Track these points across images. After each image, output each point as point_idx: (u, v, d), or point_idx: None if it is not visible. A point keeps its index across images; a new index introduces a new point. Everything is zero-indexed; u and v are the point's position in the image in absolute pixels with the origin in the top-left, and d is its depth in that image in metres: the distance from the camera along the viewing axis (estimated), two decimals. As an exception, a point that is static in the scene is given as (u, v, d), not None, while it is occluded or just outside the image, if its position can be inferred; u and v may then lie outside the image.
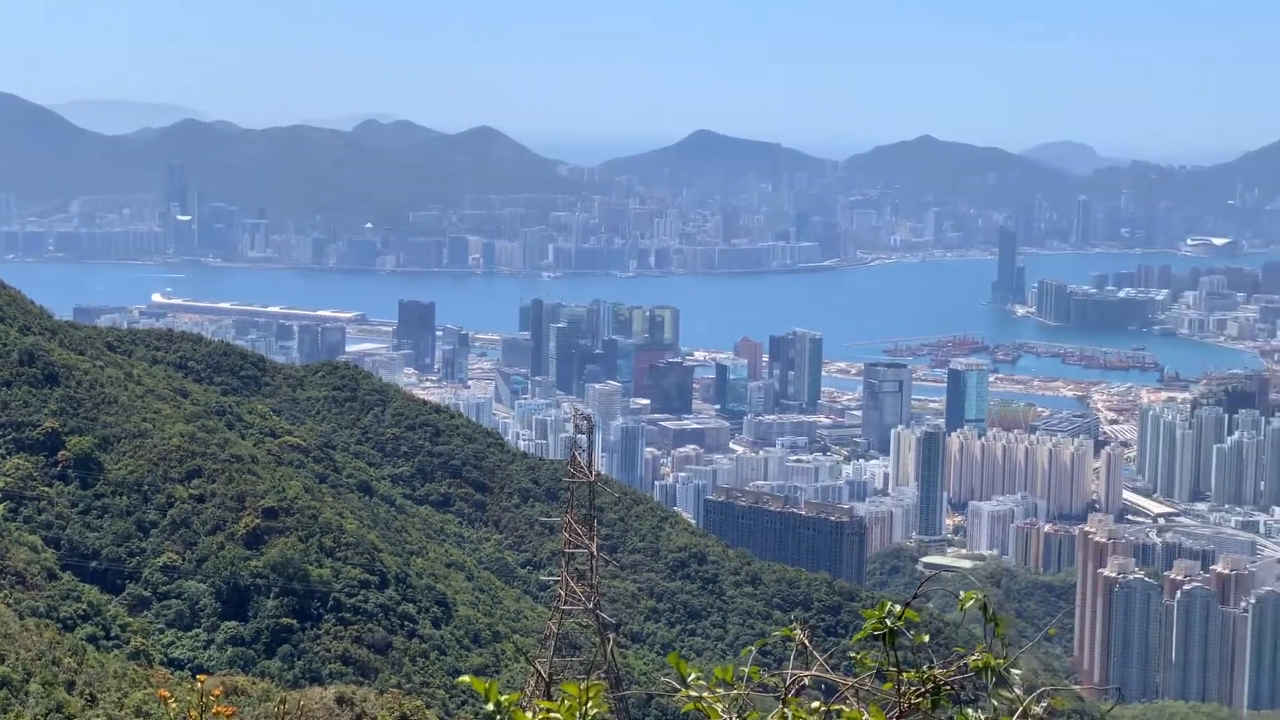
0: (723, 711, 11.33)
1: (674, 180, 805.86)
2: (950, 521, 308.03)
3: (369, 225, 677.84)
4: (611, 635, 77.34)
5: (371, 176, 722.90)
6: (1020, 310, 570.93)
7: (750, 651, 12.03)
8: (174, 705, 14.65)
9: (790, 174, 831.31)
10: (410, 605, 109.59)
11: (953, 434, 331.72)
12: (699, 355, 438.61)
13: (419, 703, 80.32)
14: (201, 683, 14.71)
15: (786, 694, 11.29)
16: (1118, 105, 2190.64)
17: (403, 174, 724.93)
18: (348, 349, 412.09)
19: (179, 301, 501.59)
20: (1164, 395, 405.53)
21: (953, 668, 10.82)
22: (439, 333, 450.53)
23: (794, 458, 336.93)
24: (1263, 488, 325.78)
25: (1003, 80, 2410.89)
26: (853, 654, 11.30)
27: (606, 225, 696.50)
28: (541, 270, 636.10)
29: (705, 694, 11.43)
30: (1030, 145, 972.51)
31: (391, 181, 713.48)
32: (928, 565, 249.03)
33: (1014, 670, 10.95)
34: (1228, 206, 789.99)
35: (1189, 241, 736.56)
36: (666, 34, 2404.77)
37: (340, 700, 71.31)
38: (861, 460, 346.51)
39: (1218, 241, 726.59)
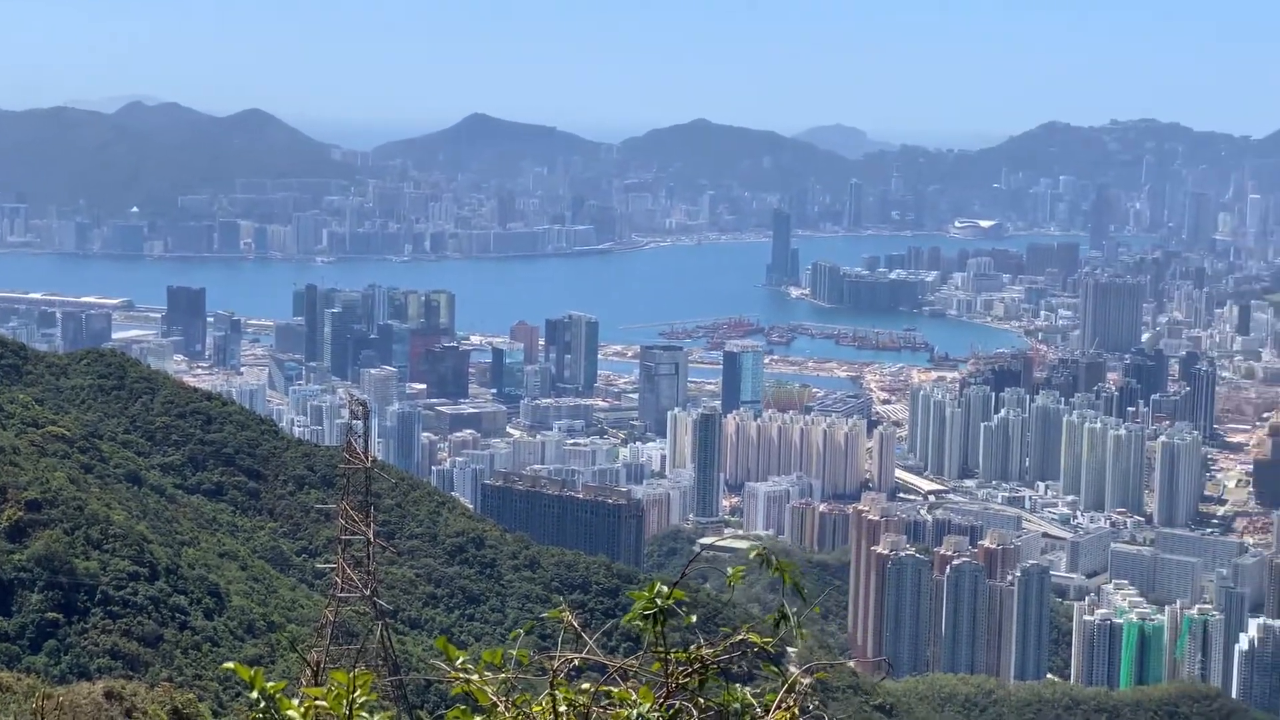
0: (492, 695, 11.23)
1: (449, 164, 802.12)
2: (727, 503, 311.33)
3: (135, 210, 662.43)
4: (388, 622, 76.60)
5: (137, 160, 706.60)
6: (794, 292, 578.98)
7: (519, 635, 11.89)
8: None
9: (566, 157, 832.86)
10: (182, 597, 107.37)
11: (729, 416, 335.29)
12: (475, 340, 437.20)
13: (191, 695, 78.63)
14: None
15: (555, 676, 11.15)
16: (888, 90, 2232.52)
17: (170, 157, 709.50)
18: (114, 336, 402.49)
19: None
20: (934, 375, 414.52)
21: (720, 646, 10.77)
22: (210, 319, 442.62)
23: (571, 441, 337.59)
24: (1028, 464, 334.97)
25: (776, 64, 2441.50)
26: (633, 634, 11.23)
27: (381, 209, 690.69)
28: (315, 255, 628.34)
29: (474, 678, 11.33)
30: (803, 129, 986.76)
31: (159, 165, 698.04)
32: (704, 546, 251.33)
33: (790, 648, 10.91)
34: (993, 190, 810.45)
35: (957, 224, 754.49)
36: (439, 17, 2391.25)
37: (109, 695, 69.49)
38: (638, 443, 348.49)
39: (984, 224, 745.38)
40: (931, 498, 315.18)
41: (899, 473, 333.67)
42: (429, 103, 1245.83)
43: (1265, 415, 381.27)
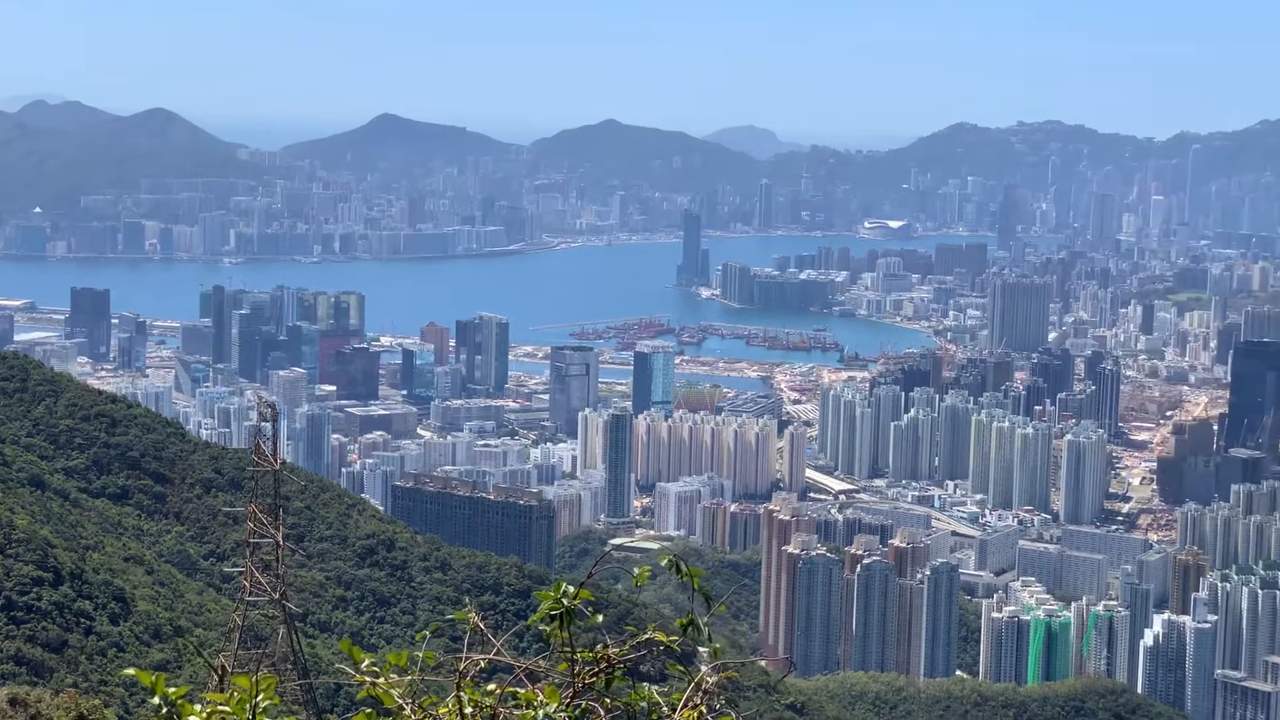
0: (398, 697, 11.17)
1: (358, 164, 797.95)
2: (638, 503, 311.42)
3: (38, 210, 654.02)
4: (298, 625, 76.05)
5: (40, 159, 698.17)
6: (705, 293, 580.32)
7: (425, 636, 11.84)
8: None
9: (476, 158, 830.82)
10: (87, 602, 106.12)
11: (639, 416, 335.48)
12: (385, 341, 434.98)
13: (97, 701, 77.68)
14: None
15: (461, 678, 11.06)
16: (798, 91, 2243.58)
17: (73, 157, 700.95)
18: (16, 338, 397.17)
19: None
20: (844, 375, 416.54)
21: (626, 646, 10.71)
22: (115, 320, 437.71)
23: (482, 442, 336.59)
24: (937, 463, 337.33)
25: (686, 65, 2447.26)
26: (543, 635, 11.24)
27: (289, 210, 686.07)
28: (222, 256, 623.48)
29: (380, 680, 11.27)
30: (714, 130, 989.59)
31: (61, 164, 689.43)
32: (614, 547, 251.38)
33: (702, 648, 10.89)
34: (902, 190, 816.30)
35: (866, 224, 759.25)
36: (346, 16, 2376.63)
37: (13, 701, 68.51)
38: (549, 444, 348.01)
39: (893, 224, 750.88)
40: (842, 497, 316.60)
41: (809, 472, 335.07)
42: (337, 102, 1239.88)
43: (1168, 413, 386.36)
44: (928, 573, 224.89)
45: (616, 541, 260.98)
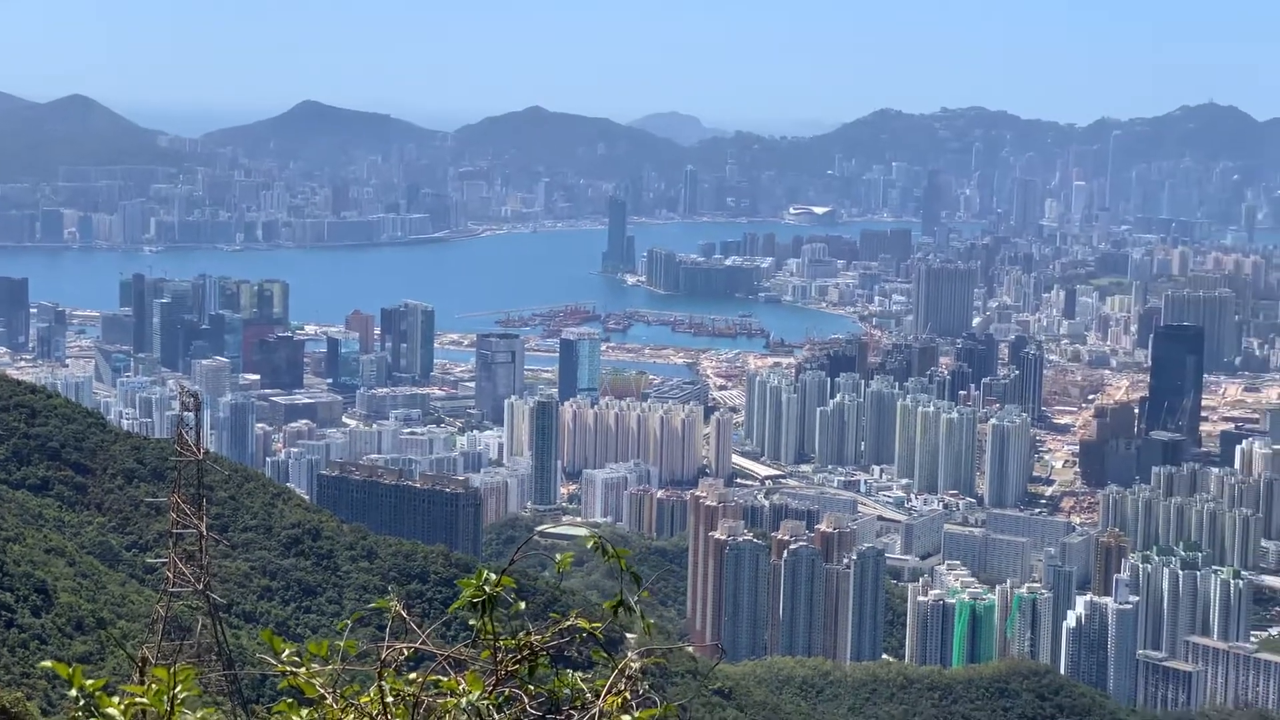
0: (320, 687, 11.13)
1: (280, 152, 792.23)
2: (565, 490, 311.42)
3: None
4: (222, 616, 75.49)
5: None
6: (630, 279, 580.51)
7: (346, 625, 11.77)
8: None
9: (400, 145, 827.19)
10: (8, 594, 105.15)
11: (566, 403, 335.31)
12: (310, 329, 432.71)
13: (20, 694, 77.01)
14: None
15: (383, 667, 10.98)
16: (722, 77, 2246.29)
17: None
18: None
19: None
20: (770, 361, 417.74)
21: (549, 633, 10.66)
22: (33, 310, 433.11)
23: (408, 430, 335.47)
24: (863, 448, 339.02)
25: (611, 51, 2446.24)
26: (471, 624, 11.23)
27: (211, 198, 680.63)
28: (143, 244, 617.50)
29: (301, 670, 11.23)
30: (638, 116, 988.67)
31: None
32: (539, 533, 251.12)
33: (629, 634, 10.88)
34: (827, 176, 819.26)
35: (791, 210, 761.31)
36: (267, 1, 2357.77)
37: (-69, 696, 67.77)
38: (475, 431, 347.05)
39: (818, 210, 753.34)
40: (768, 483, 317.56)
41: (736, 458, 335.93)
42: (258, 89, 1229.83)
43: (1091, 397, 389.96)
44: (854, 557, 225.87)
45: (543, 529, 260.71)
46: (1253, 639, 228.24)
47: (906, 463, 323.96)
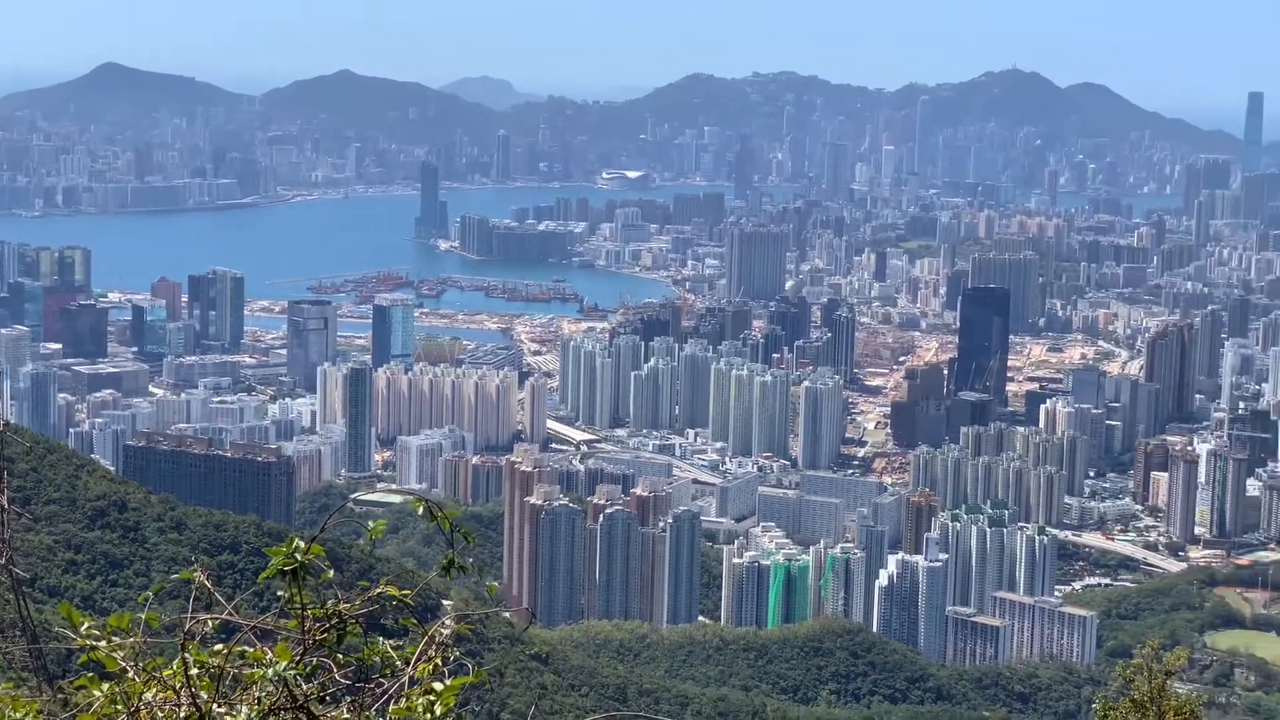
0: (122, 660, 10.88)
1: (81, 115, 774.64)
2: (379, 457, 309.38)
3: None
4: (25, 590, 73.81)
5: None
6: (444, 245, 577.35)
7: (148, 597, 11.57)
8: None
9: (206, 109, 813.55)
10: None
11: (379, 370, 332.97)
12: (114, 297, 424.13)
13: None
14: None
15: (188, 639, 10.72)
16: (534, 41, 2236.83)
17: None
18: None
19: None
20: (584, 326, 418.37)
21: (358, 600, 10.39)
22: None
23: (217, 399, 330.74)
24: (677, 412, 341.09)
25: (420, 15, 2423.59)
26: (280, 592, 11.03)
27: (8, 162, 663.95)
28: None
29: (103, 644, 10.97)
30: (450, 80, 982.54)
31: None
32: (357, 501, 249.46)
33: (445, 601, 10.65)
34: (640, 141, 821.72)
35: (604, 175, 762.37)
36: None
37: None
38: (288, 399, 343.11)
39: (631, 175, 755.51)
40: (584, 448, 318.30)
41: (551, 423, 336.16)
42: (56, 51, 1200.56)
43: (901, 359, 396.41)
44: (670, 521, 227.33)
45: (358, 496, 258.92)
46: (1057, 593, 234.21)
47: (721, 426, 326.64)
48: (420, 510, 11.12)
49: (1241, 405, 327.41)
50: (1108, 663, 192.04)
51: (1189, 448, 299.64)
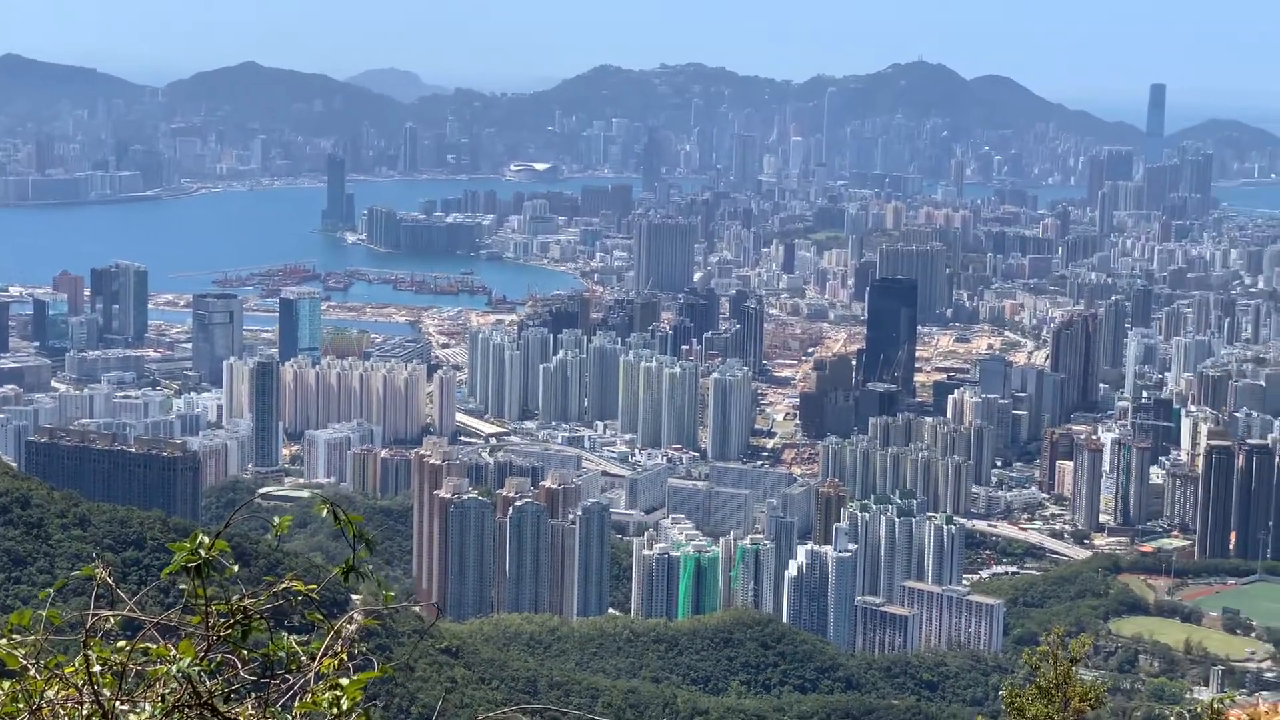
0: (22, 658, 10.79)
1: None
2: (287, 451, 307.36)
3: None
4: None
5: None
6: (351, 237, 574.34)
7: (48, 594, 11.47)
8: None
9: (108, 100, 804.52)
10: None
11: (286, 363, 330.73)
12: (14, 291, 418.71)
13: None
14: None
15: (89, 636, 10.64)
16: (441, 33, 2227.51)
17: None
18: None
19: None
20: (492, 318, 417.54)
21: (263, 596, 10.30)
22: None
23: (121, 394, 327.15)
24: (586, 404, 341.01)
25: (326, 5, 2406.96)
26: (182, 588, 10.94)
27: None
28: None
29: (1, 641, 10.88)
30: (356, 72, 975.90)
31: None
32: (264, 495, 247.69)
33: (354, 595, 10.60)
34: (548, 133, 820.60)
35: (512, 167, 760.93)
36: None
37: None
38: (193, 393, 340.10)
39: (539, 167, 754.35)
40: (492, 440, 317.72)
41: (460, 416, 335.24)
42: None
43: (810, 350, 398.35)
44: (579, 513, 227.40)
45: (265, 491, 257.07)
46: (964, 582, 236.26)
47: (630, 418, 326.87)
48: (324, 513, 11.05)
49: (1144, 394, 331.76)
50: (1014, 650, 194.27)
51: (1094, 436, 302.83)
